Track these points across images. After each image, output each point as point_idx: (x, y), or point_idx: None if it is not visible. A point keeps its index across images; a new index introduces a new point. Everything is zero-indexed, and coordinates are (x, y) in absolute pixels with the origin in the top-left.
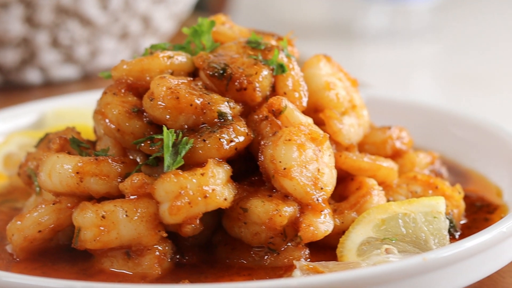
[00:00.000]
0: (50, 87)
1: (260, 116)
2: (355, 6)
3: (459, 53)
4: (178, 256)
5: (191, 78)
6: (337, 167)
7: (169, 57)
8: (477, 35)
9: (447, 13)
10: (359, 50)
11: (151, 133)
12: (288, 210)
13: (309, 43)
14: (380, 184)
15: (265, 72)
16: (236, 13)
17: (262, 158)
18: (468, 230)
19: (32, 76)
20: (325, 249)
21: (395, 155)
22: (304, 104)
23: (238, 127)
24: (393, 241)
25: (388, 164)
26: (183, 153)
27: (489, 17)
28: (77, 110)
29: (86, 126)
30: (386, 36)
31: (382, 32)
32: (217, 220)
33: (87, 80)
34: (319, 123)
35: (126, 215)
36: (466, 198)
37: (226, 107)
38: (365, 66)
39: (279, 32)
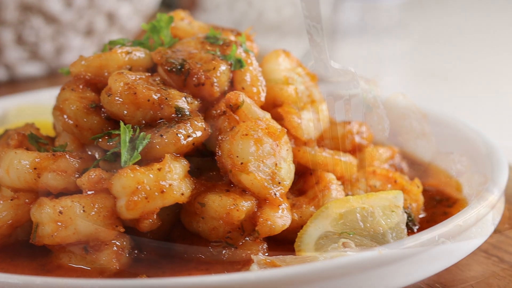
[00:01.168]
0: (15, 84)
1: (218, 111)
2: (325, 2)
3: (428, 49)
4: (136, 251)
5: (149, 74)
6: (295, 162)
7: (127, 53)
8: (445, 31)
9: (417, 9)
10: (329, 47)
11: (109, 128)
12: (246, 205)
13: (280, 40)
14: (339, 178)
15: (223, 67)
16: (207, 10)
17: (220, 153)
18: (427, 224)
19: None
20: (284, 244)
21: (355, 150)
22: (262, 99)
23: (196, 122)
24: (351, 235)
25: (346, 159)
26: (140, 148)
27: (458, 13)
28: (39, 107)
29: (47, 122)
30: (356, 33)
31: (353, 29)
32: (175, 215)
33: (52, 77)
34: (278, 118)
35: (84, 211)
36: (425, 192)
37: (183, 102)
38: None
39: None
